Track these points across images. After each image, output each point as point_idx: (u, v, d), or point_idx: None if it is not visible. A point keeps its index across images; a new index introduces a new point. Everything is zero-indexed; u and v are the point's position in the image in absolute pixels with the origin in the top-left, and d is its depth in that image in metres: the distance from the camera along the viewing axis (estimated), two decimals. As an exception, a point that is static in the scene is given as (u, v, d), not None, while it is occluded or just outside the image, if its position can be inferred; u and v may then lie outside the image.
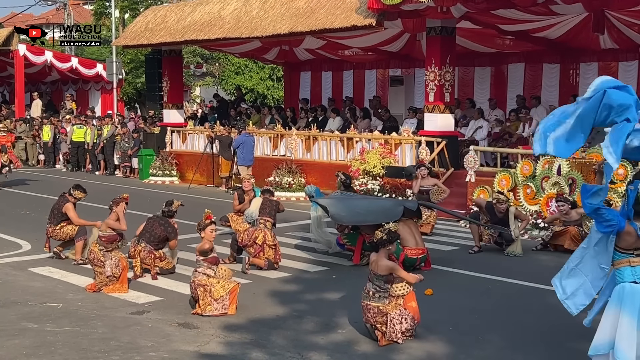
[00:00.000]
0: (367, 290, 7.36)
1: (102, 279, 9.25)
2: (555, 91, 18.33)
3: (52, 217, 11.17)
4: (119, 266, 9.23)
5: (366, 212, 10.49)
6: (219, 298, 8.20)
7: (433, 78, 15.91)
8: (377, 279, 7.30)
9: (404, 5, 14.64)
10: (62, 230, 11.10)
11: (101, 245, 9.41)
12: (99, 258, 9.31)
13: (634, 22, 15.56)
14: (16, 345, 7.15)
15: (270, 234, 10.55)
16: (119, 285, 9.21)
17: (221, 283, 8.27)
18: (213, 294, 8.19)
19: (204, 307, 8.19)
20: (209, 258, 8.38)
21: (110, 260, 9.25)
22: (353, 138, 17.60)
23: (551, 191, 13.02)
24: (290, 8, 17.93)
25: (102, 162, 24.15)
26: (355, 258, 10.81)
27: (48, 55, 29.30)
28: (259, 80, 37.08)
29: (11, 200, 17.97)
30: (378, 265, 7.30)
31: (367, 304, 7.31)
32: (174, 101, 23.03)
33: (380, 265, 7.30)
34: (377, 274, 7.30)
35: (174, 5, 23.31)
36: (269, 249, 10.44)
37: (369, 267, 7.47)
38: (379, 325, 7.26)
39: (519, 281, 9.86)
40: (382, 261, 7.32)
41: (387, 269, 7.28)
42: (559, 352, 7.00)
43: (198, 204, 17.34)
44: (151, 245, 9.99)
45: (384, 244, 7.41)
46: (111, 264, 9.22)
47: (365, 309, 7.33)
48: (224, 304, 8.22)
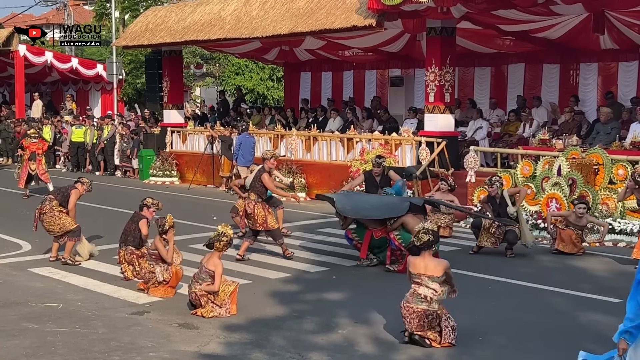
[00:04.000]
0: (423, 296, 7.05)
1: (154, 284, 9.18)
2: (555, 91, 18.32)
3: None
4: (168, 270, 9.11)
5: (372, 206, 10.50)
6: (222, 302, 8.20)
7: (433, 78, 15.91)
8: (433, 281, 7.08)
9: (404, 6, 14.63)
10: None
11: (151, 261, 9.29)
12: (151, 270, 9.19)
13: (634, 23, 15.55)
14: (16, 346, 7.15)
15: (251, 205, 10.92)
16: (169, 288, 9.11)
17: (222, 288, 8.26)
18: (216, 301, 8.19)
19: (207, 313, 8.17)
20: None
21: (159, 267, 9.13)
22: (353, 138, 17.60)
23: (551, 192, 13.01)
24: (290, 8, 17.93)
25: (102, 163, 24.16)
26: (362, 252, 10.72)
27: (48, 55, 29.30)
28: (259, 81, 37.06)
29: (11, 200, 17.98)
30: (435, 268, 7.08)
31: (426, 310, 7.02)
32: (174, 101, 23.02)
33: (437, 268, 7.09)
34: (433, 277, 7.08)
35: (174, 6, 23.31)
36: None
37: (413, 271, 7.16)
38: (430, 331, 7.08)
39: (519, 281, 9.86)
40: (435, 262, 7.16)
41: (444, 268, 7.11)
42: (559, 352, 6.99)
43: (198, 204, 17.38)
44: (132, 245, 9.78)
45: (430, 245, 7.21)
46: (161, 269, 9.11)
47: (423, 315, 7.01)
48: (227, 308, 8.22)
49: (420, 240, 7.20)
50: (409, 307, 7.10)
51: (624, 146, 13.82)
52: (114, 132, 23.91)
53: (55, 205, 10.83)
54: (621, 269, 10.64)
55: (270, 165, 11.24)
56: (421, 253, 7.21)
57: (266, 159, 11.24)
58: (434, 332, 7.14)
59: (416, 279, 7.15)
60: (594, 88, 17.59)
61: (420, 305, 7.06)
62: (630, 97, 16.33)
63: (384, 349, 7.17)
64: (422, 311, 7.04)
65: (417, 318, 7.06)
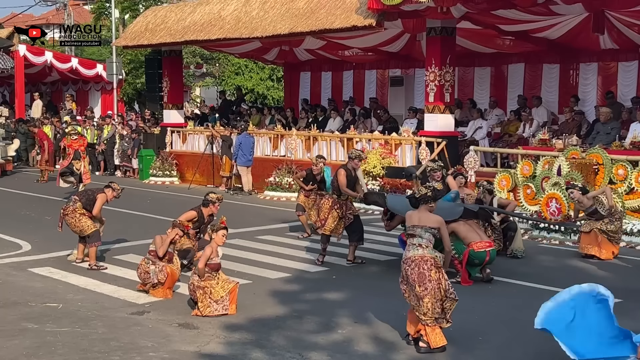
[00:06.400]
0: (417, 244, 7.13)
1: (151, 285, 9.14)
2: (555, 91, 18.32)
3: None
4: (163, 271, 9.04)
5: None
6: (219, 299, 8.19)
7: (433, 78, 15.91)
8: (426, 232, 7.22)
9: (404, 6, 14.63)
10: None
11: (148, 260, 9.19)
12: (146, 270, 9.11)
13: (634, 23, 15.55)
14: (16, 346, 7.15)
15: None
16: (167, 290, 9.08)
17: (220, 284, 8.27)
18: (213, 295, 8.18)
19: (204, 309, 8.18)
20: (211, 264, 8.34)
21: (155, 267, 9.08)
22: (353, 138, 17.60)
23: (551, 192, 13.01)
24: (290, 8, 17.92)
25: (102, 163, 24.15)
26: (463, 279, 9.65)
27: (48, 55, 29.28)
28: (259, 81, 37.06)
29: (11, 200, 17.98)
30: (428, 219, 7.28)
31: (423, 256, 7.04)
32: (174, 101, 23.01)
33: (430, 219, 7.29)
34: (425, 227, 7.23)
35: (174, 6, 23.29)
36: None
37: (408, 224, 7.40)
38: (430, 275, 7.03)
39: (519, 281, 9.85)
40: (429, 215, 7.34)
41: (437, 222, 7.29)
42: (560, 352, 6.98)
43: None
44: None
45: (427, 200, 7.43)
46: (156, 270, 9.04)
47: (421, 261, 7.01)
48: (224, 305, 8.21)
49: (418, 192, 7.54)
50: (406, 258, 7.17)
51: (624, 146, 13.81)
52: (114, 132, 23.91)
53: (79, 208, 10.66)
54: (621, 268, 10.64)
55: (354, 165, 10.80)
56: (419, 207, 7.46)
57: (351, 158, 10.88)
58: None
59: (410, 231, 7.34)
60: (593, 88, 17.59)
61: (416, 252, 7.13)
62: (630, 97, 16.32)
63: (384, 348, 7.18)
64: (419, 257, 7.08)
65: (416, 267, 7.05)
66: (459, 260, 9.65)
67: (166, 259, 9.18)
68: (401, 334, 7.48)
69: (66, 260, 11.05)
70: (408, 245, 7.30)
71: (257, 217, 15.07)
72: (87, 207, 10.67)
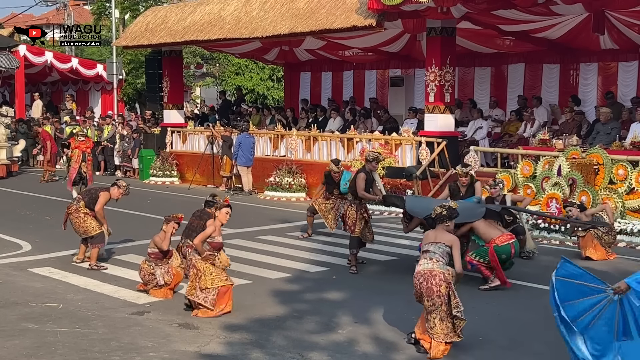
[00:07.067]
0: (430, 258, 7.16)
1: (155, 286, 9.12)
2: (555, 91, 18.31)
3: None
4: (169, 273, 9.04)
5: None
6: (205, 289, 8.16)
7: (433, 78, 15.91)
8: (439, 248, 7.24)
9: (404, 6, 14.63)
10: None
11: (150, 262, 9.19)
12: (151, 272, 9.09)
13: (634, 23, 15.55)
14: (16, 346, 7.15)
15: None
16: (167, 290, 9.06)
17: (213, 275, 8.22)
18: (201, 281, 8.16)
19: (190, 289, 8.22)
20: (213, 242, 8.32)
21: (160, 269, 9.06)
22: (353, 138, 17.60)
23: (551, 192, 13.01)
24: (290, 9, 17.93)
25: (102, 163, 24.16)
26: (502, 280, 9.48)
27: (48, 55, 29.29)
28: (259, 81, 37.07)
29: (11, 200, 17.98)
30: (443, 238, 7.32)
31: (432, 270, 7.06)
32: (174, 102, 23.03)
33: (445, 237, 7.32)
34: (437, 244, 7.26)
35: (174, 6, 23.29)
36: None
37: (423, 243, 7.45)
38: (437, 294, 7.02)
39: (519, 281, 9.85)
40: (446, 234, 7.36)
41: (451, 241, 7.30)
42: (560, 352, 6.99)
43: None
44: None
45: (443, 219, 7.46)
46: (162, 272, 9.03)
47: (429, 275, 7.04)
48: (206, 297, 8.14)
49: (434, 212, 7.57)
50: (416, 273, 7.19)
51: (624, 146, 13.82)
52: (114, 132, 23.91)
53: (82, 207, 10.62)
54: (621, 269, 10.63)
55: (371, 167, 10.71)
56: (436, 226, 7.48)
57: (368, 161, 10.75)
58: (441, 310, 7.02)
59: (425, 248, 7.37)
60: (594, 88, 17.58)
61: (426, 266, 7.16)
62: (630, 97, 16.32)
63: (384, 348, 7.18)
64: (428, 272, 7.11)
65: (425, 281, 7.07)
66: (485, 266, 9.49)
67: (168, 255, 9.21)
68: (401, 334, 7.48)
69: (66, 260, 11.06)
70: (420, 260, 7.30)
71: (257, 217, 15.07)
72: (90, 206, 10.64)
